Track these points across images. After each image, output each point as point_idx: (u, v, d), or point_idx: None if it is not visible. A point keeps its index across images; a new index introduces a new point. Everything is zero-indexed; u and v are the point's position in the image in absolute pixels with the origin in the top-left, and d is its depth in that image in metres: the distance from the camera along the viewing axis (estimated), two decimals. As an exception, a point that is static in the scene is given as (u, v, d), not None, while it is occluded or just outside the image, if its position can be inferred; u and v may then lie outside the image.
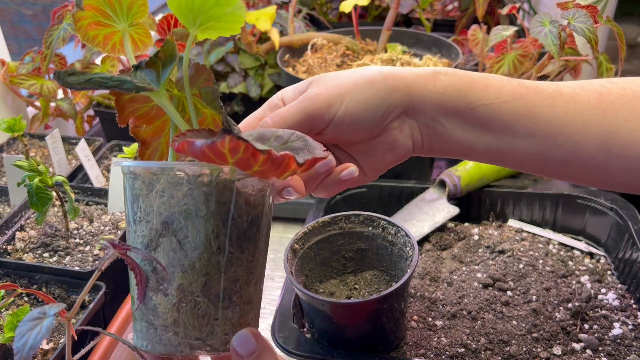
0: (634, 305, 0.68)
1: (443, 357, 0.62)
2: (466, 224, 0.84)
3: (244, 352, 0.35)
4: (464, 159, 0.46)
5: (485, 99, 0.42)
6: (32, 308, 0.63)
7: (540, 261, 0.75)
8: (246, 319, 0.38)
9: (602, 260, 0.76)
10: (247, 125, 0.44)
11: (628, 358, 0.61)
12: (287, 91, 0.45)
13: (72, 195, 0.72)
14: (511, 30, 0.91)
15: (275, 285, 0.80)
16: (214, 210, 0.34)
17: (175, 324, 0.36)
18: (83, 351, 0.38)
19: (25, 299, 0.68)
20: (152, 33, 0.43)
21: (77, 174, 0.92)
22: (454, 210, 0.83)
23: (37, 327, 0.33)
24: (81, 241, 0.75)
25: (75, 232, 0.76)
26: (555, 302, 0.68)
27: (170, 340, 0.36)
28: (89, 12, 0.37)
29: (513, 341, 0.63)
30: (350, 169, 0.41)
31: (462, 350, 0.63)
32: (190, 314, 0.35)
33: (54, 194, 0.70)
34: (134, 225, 0.36)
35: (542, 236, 0.80)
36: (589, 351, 0.62)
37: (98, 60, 1.00)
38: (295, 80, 0.91)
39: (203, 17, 0.35)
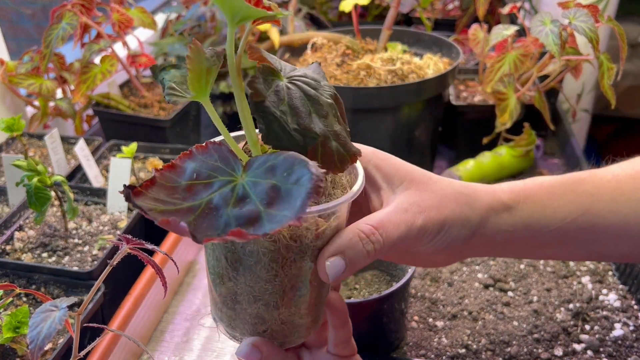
0: (635, 306, 0.68)
1: (444, 357, 0.62)
2: (467, 224, 0.83)
3: None
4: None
5: (552, 225, 0.43)
6: (31, 308, 0.63)
7: (541, 262, 0.75)
8: (260, 331, 0.39)
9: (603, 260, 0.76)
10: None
11: (629, 359, 0.61)
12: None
13: (71, 195, 0.71)
14: (512, 29, 0.91)
15: (275, 285, 0.80)
16: (221, 244, 0.36)
17: (213, 299, 0.40)
18: (88, 347, 0.38)
19: (24, 299, 0.67)
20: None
21: (76, 173, 0.92)
22: (455, 210, 0.83)
23: (50, 318, 0.34)
24: (80, 241, 0.75)
25: (74, 232, 0.76)
26: (556, 302, 0.68)
27: (213, 306, 0.42)
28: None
29: (514, 342, 0.63)
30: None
31: (463, 351, 0.63)
32: (221, 304, 0.40)
33: (52, 193, 0.70)
34: None
35: (543, 236, 0.80)
36: (589, 352, 0.62)
37: (97, 60, 1.00)
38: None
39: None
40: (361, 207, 0.43)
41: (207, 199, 0.30)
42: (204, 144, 0.32)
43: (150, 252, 0.42)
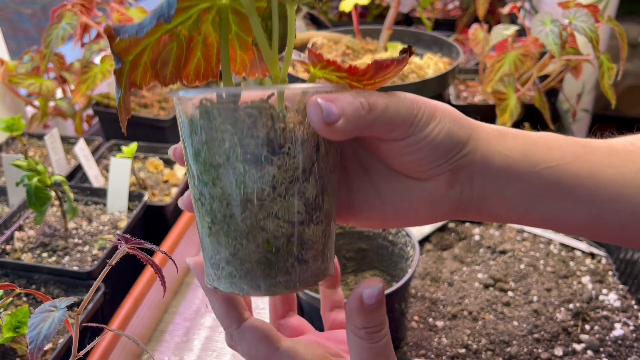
0: (635, 306, 0.68)
1: (444, 357, 0.62)
2: (467, 224, 0.84)
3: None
4: (509, 222, 0.42)
5: (550, 160, 0.39)
6: (31, 308, 0.63)
7: (542, 262, 0.75)
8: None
9: (604, 260, 0.76)
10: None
11: (629, 359, 0.61)
12: None
13: (71, 195, 0.71)
14: (512, 29, 0.91)
15: (275, 285, 0.80)
16: None
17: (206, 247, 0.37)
18: (88, 347, 0.38)
19: (24, 299, 0.67)
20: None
21: (76, 173, 0.92)
22: (455, 210, 0.83)
23: (50, 318, 0.34)
24: (80, 241, 0.75)
25: (74, 232, 0.76)
26: (556, 302, 0.68)
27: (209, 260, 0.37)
28: None
29: (514, 342, 0.63)
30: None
31: (463, 350, 0.63)
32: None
33: (52, 193, 0.70)
34: None
35: (543, 236, 0.80)
36: (590, 352, 0.62)
37: (97, 60, 1.00)
38: (295, 79, 0.91)
39: None
40: None
41: None
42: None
43: (150, 252, 0.42)
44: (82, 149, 0.86)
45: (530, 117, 0.97)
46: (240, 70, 0.36)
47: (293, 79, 0.92)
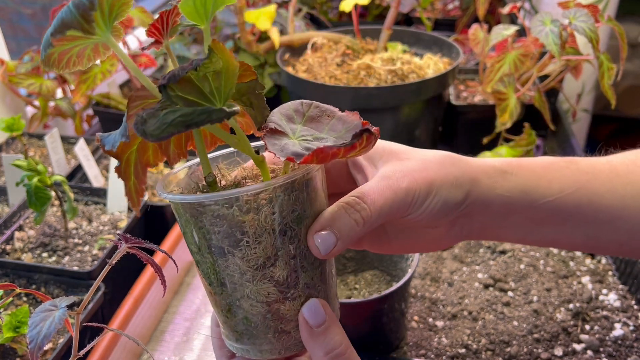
0: (635, 306, 0.68)
1: (444, 357, 0.62)
2: (467, 224, 0.84)
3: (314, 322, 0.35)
4: (508, 242, 0.46)
5: (549, 195, 0.41)
6: (31, 308, 0.63)
7: (541, 261, 0.75)
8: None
9: (604, 260, 0.76)
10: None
11: (629, 359, 0.61)
12: None
13: (71, 195, 0.71)
14: (512, 29, 0.91)
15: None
16: None
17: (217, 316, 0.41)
18: (88, 347, 0.38)
19: (24, 299, 0.67)
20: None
21: (76, 173, 0.92)
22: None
23: (50, 318, 0.34)
24: (80, 241, 0.75)
25: (74, 231, 0.76)
26: (556, 302, 0.68)
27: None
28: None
29: (514, 342, 0.63)
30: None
31: (463, 350, 0.63)
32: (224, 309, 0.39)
33: (52, 193, 0.70)
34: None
35: (543, 236, 0.80)
36: (589, 352, 0.62)
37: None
38: (295, 79, 0.91)
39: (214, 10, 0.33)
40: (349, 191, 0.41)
41: None
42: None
43: (150, 252, 0.42)
44: (82, 149, 0.86)
45: (530, 117, 0.97)
46: (248, 130, 0.39)
47: (292, 78, 0.92)
